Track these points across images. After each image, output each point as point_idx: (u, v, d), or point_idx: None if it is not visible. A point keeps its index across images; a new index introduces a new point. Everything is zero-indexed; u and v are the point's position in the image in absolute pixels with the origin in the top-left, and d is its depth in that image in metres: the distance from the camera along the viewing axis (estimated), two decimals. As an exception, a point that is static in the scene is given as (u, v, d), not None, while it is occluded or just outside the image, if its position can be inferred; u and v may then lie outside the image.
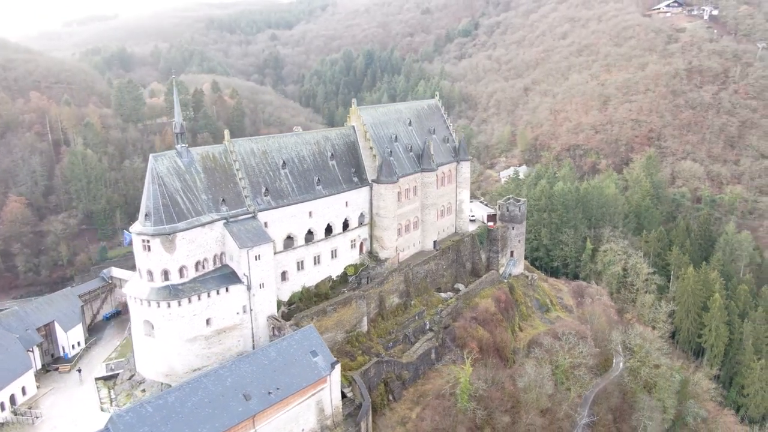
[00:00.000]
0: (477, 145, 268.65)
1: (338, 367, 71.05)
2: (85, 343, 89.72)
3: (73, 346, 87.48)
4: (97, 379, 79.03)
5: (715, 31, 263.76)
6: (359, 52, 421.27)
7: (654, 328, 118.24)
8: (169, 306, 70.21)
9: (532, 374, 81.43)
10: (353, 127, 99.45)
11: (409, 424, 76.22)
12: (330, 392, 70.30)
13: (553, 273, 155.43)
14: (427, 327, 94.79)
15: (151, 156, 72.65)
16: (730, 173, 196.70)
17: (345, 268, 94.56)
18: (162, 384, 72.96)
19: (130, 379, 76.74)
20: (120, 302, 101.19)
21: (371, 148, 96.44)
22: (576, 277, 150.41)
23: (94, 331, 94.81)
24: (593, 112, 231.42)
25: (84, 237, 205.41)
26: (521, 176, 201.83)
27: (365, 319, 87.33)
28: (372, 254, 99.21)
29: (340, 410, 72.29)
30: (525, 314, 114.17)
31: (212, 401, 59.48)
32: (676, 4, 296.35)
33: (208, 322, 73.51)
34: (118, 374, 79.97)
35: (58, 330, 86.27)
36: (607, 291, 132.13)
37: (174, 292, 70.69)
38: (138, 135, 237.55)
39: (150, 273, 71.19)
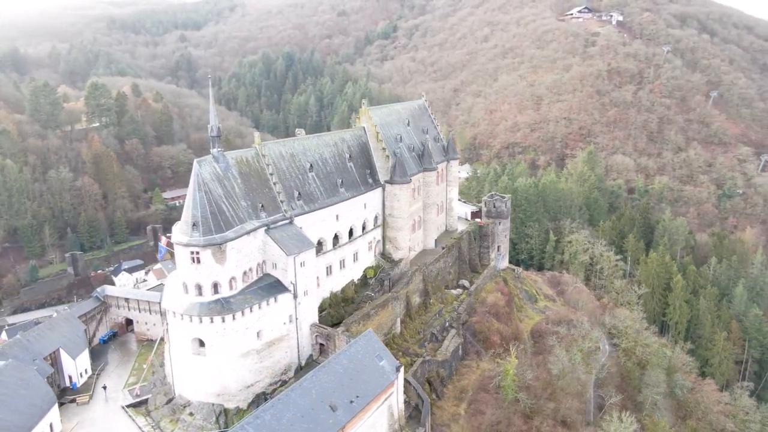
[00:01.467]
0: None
1: (402, 369, 70.15)
2: (92, 369, 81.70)
3: (80, 374, 79.40)
4: (125, 407, 72.37)
5: (625, 35, 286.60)
6: (278, 54, 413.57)
7: (630, 310, 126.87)
8: (223, 321, 65.89)
9: (565, 361, 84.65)
10: (363, 128, 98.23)
11: (461, 420, 76.73)
12: (396, 396, 69.28)
13: (519, 265, 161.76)
14: (447, 324, 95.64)
15: (195, 161, 67.88)
16: (656, 165, 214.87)
17: (365, 271, 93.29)
18: (213, 405, 68.29)
19: (169, 403, 71.02)
20: (115, 323, 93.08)
21: (384, 149, 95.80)
22: (541, 268, 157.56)
23: (93, 355, 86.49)
24: (528, 112, 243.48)
25: (8, 256, 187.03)
26: (468, 174, 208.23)
27: (398, 320, 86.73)
28: (385, 255, 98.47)
29: (403, 413, 71.44)
30: (519, 305, 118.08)
31: (304, 415, 56.86)
32: (586, 10, 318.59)
33: (258, 335, 69.81)
34: (147, 399, 73.83)
35: (65, 357, 77.99)
36: (580, 279, 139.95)
37: (227, 306, 66.48)
38: (59, 143, 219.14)
39: (199, 287, 66.42)
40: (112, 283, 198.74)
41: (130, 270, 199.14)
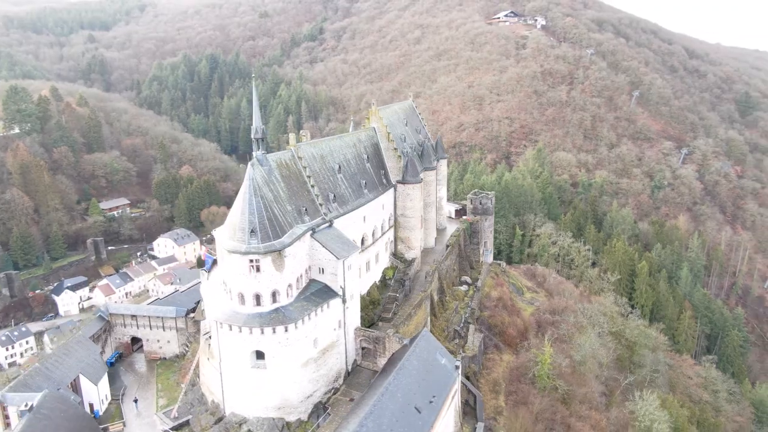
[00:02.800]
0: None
1: (460, 367, 70.46)
2: (111, 394, 75.37)
3: (102, 401, 73.04)
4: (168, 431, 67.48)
5: (552, 39, 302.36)
6: (200, 56, 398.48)
7: (605, 297, 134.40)
8: (286, 330, 63.11)
9: (587, 347, 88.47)
10: (374, 129, 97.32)
11: (504, 412, 78.16)
12: (458, 393, 69.53)
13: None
14: (463, 320, 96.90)
15: (249, 165, 64.49)
16: (594, 161, 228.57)
17: (384, 272, 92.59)
18: (274, 419, 65.18)
19: (219, 422, 66.90)
20: (120, 343, 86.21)
21: (395, 149, 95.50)
22: (510, 262, 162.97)
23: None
24: (471, 112, 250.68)
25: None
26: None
27: (429, 319, 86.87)
28: (398, 256, 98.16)
29: (460, 409, 71.83)
30: (511, 298, 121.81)
31: (398, 420, 55.89)
32: (512, 15, 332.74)
33: (315, 342, 67.49)
34: (188, 421, 69.25)
35: (85, 384, 71.43)
36: (554, 270, 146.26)
37: (288, 315, 63.78)
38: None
39: (257, 296, 63.21)
40: (54, 304, 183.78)
41: (74, 288, 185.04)
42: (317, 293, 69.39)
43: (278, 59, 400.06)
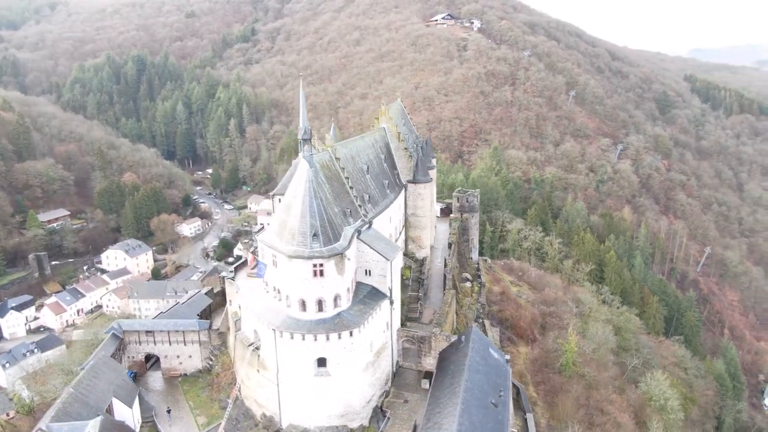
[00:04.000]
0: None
1: (510, 360, 71.64)
2: (141, 417, 70.46)
3: (135, 425, 68.13)
4: (220, 450, 64.00)
5: (490, 41, 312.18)
6: (126, 57, 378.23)
7: (581, 286, 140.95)
8: (351, 335, 61.67)
9: (599, 335, 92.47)
10: (384, 129, 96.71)
11: (539, 402, 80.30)
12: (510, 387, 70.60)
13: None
14: (476, 316, 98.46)
15: (308, 166, 62.30)
16: (543, 158, 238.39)
17: (402, 271, 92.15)
18: (338, 427, 63.47)
19: (276, 436, 64.33)
20: (134, 361, 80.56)
21: (406, 148, 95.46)
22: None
23: (127, 402, 74.22)
24: (422, 112, 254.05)
25: None
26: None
27: (454, 316, 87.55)
28: (409, 255, 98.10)
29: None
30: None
31: (484, 416, 56.21)
32: (449, 17, 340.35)
33: (371, 345, 66.39)
34: (237, 438, 66.01)
35: (120, 407, 66.39)
36: (532, 264, 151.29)
37: (351, 319, 62.37)
38: None
39: (320, 302, 61.34)
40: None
41: (19, 308, 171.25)
42: (368, 296, 68.18)
43: (210, 61, 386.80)
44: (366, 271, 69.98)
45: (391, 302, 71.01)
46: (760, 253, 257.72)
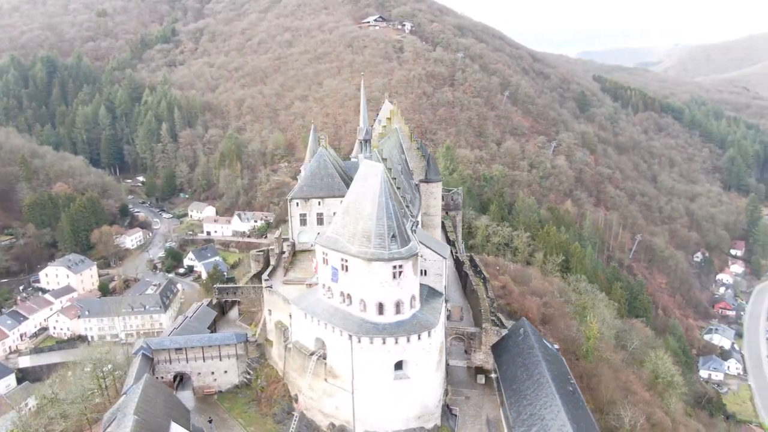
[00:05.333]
0: (252, 152, 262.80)
1: (560, 349, 74.15)
2: (192, 439, 66.15)
3: (191, 448, 63.94)
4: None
5: (425, 43, 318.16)
6: (33, 58, 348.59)
7: (553, 276, 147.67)
8: (429, 335, 61.55)
9: (608, 320, 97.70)
10: (397, 129, 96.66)
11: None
12: (562, 375, 73.08)
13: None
14: (490, 311, 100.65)
15: (380, 166, 61.15)
16: (488, 156, 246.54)
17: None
18: (415, 429, 62.98)
19: (352, 444, 62.78)
20: (163, 382, 75.27)
21: (418, 148, 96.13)
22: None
23: (167, 426, 69.28)
24: (369, 113, 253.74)
25: None
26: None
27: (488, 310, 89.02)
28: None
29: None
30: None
31: (572, 403, 58.11)
32: (381, 20, 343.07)
33: (440, 344, 66.43)
34: (306, 451, 63.85)
35: (178, 431, 62.08)
36: (506, 259, 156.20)
37: (427, 319, 62.21)
38: None
39: (398, 304, 60.65)
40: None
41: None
42: (429, 295, 68.24)
43: (129, 62, 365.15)
44: (423, 270, 69.97)
45: (447, 300, 71.52)
46: (679, 238, 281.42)
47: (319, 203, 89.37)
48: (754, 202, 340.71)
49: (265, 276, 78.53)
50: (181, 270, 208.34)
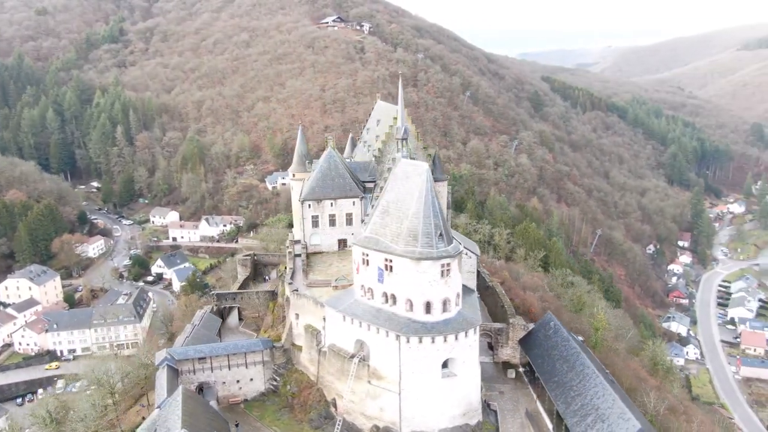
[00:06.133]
0: (215, 155, 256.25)
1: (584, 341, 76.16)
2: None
3: (231, 459, 62.16)
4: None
5: (385, 44, 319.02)
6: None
7: (536, 271, 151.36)
8: (475, 332, 62.18)
9: (607, 310, 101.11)
10: (405, 128, 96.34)
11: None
12: (587, 365, 75.09)
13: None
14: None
15: (425, 165, 61.17)
16: (456, 155, 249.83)
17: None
18: (461, 426, 63.30)
19: (401, 445, 62.45)
20: (186, 393, 72.60)
21: (425, 147, 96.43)
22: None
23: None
24: (335, 114, 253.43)
25: None
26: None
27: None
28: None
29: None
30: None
31: (618, 392, 59.92)
32: (339, 20, 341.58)
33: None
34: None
35: (220, 442, 60.16)
36: (489, 256, 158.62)
37: (471, 316, 62.78)
38: None
39: (446, 301, 60.88)
40: None
41: None
42: (464, 293, 68.66)
43: (75, 63, 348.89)
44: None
45: (479, 297, 72.24)
46: (634, 232, 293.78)
47: (332, 204, 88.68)
48: (697, 195, 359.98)
49: (288, 280, 76.98)
50: (150, 278, 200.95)
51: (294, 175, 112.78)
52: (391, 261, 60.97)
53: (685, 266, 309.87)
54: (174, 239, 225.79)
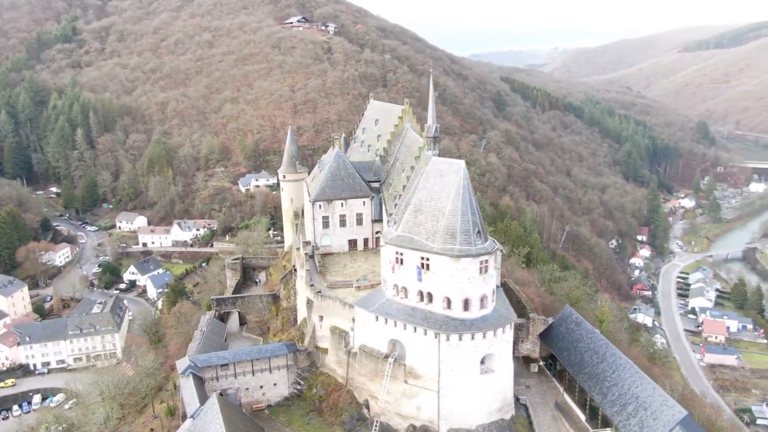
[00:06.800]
0: (184, 158, 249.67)
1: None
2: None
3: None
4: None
5: (351, 44, 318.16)
6: None
7: (521, 268, 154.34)
8: (510, 328, 63.03)
9: (608, 302, 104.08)
10: (410, 127, 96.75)
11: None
12: (605, 357, 77.06)
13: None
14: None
15: (461, 163, 61.60)
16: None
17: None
18: (497, 421, 63.92)
19: (441, 443, 62.57)
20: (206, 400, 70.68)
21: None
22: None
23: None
24: (306, 115, 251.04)
25: None
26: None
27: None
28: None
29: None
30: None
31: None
32: (304, 20, 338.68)
33: (508, 337, 68.02)
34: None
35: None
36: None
37: (506, 311, 63.62)
38: None
39: (484, 298, 61.38)
40: None
41: None
42: (492, 289, 69.50)
43: (26, 63, 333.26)
44: (479, 265, 70.91)
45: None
46: (599, 227, 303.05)
47: (342, 204, 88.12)
48: (653, 191, 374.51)
49: (310, 282, 75.91)
50: (122, 285, 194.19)
51: (285, 176, 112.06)
52: (427, 259, 61.06)
53: (645, 259, 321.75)
54: (144, 245, 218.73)
